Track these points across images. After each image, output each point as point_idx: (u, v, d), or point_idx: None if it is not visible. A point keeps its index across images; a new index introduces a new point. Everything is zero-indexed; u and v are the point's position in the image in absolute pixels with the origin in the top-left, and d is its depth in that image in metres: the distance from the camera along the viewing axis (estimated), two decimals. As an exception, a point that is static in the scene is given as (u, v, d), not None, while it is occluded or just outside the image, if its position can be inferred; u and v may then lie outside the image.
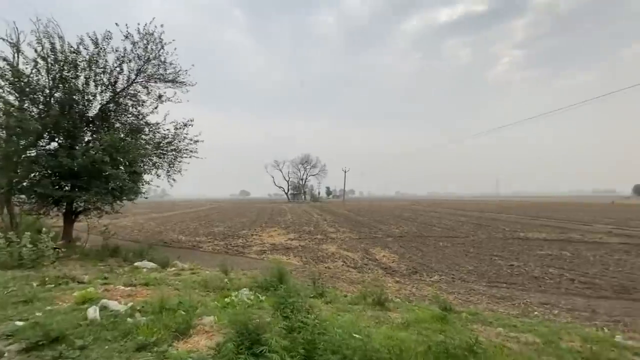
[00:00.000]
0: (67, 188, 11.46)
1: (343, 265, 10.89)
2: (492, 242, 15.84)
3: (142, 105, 13.08)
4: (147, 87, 12.86)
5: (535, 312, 6.21)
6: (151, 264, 8.81)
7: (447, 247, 14.31)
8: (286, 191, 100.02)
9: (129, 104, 12.99)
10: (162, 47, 12.25)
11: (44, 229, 8.34)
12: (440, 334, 3.88)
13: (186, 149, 14.08)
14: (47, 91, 11.05)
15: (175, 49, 12.50)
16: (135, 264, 8.83)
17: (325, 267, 10.49)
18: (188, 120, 13.50)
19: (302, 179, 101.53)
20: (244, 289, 6.47)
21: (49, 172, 11.13)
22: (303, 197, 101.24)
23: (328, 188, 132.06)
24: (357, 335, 3.25)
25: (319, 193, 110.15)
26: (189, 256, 11.79)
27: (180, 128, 13.52)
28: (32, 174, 11.00)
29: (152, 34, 11.97)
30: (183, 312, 4.24)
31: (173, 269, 8.76)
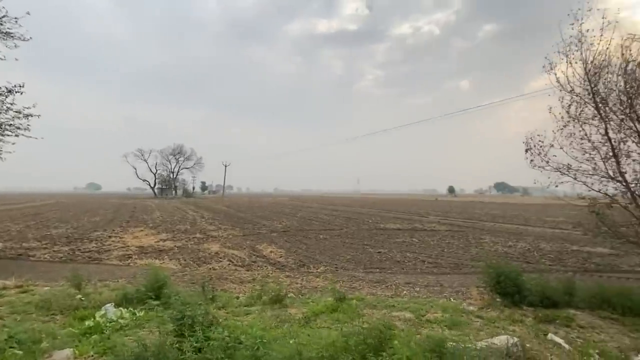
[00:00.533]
0: None
1: (230, 264, 10.22)
2: (361, 232, 18.01)
3: None
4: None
5: (404, 292, 7.34)
6: (-57, 286, 6.07)
7: (327, 240, 15.42)
8: (152, 185, 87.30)
9: None
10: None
11: None
12: (345, 324, 4.06)
13: (10, 124, 10.33)
14: None
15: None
16: None
17: (210, 269, 9.60)
18: (15, 85, 9.91)
19: (172, 172, 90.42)
20: (109, 304, 5.26)
21: None
22: (174, 192, 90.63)
23: (204, 183, 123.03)
24: (264, 340, 3.03)
25: (193, 188, 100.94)
26: (13, 269, 8.72)
27: (1, 94, 9.79)
28: None
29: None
30: (18, 352, 3.05)
31: (-14, 289, 6.29)
